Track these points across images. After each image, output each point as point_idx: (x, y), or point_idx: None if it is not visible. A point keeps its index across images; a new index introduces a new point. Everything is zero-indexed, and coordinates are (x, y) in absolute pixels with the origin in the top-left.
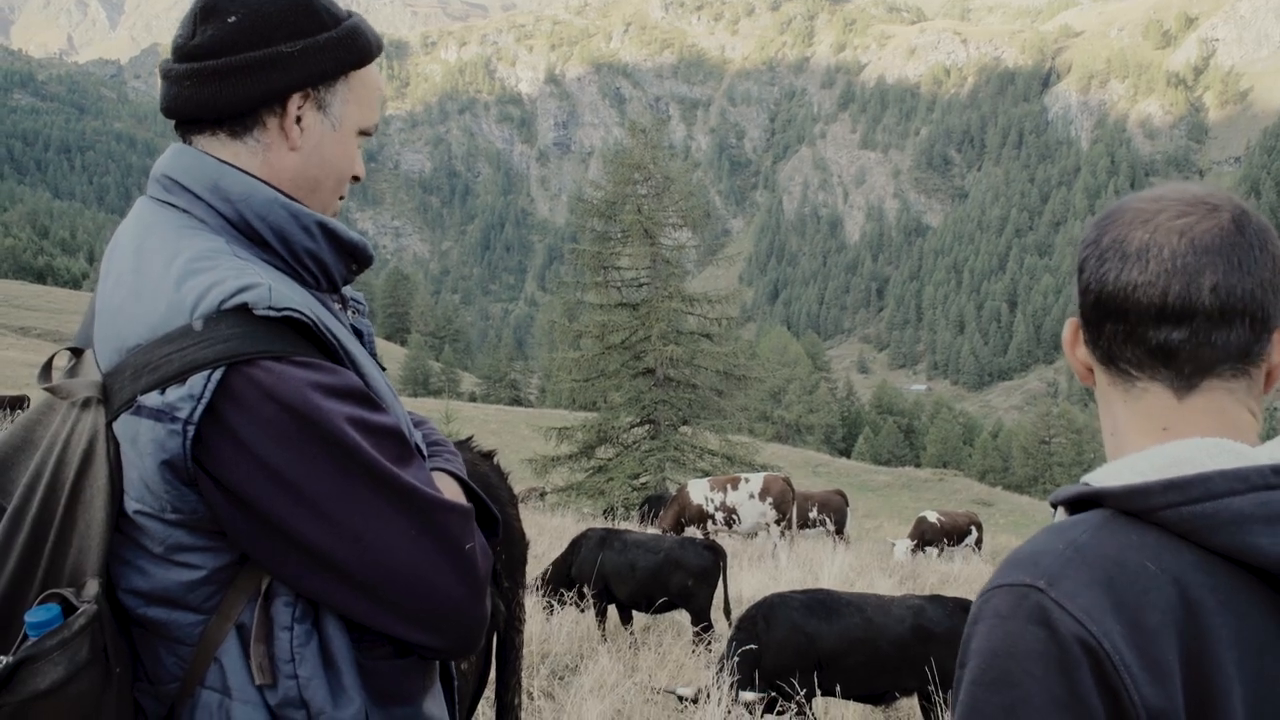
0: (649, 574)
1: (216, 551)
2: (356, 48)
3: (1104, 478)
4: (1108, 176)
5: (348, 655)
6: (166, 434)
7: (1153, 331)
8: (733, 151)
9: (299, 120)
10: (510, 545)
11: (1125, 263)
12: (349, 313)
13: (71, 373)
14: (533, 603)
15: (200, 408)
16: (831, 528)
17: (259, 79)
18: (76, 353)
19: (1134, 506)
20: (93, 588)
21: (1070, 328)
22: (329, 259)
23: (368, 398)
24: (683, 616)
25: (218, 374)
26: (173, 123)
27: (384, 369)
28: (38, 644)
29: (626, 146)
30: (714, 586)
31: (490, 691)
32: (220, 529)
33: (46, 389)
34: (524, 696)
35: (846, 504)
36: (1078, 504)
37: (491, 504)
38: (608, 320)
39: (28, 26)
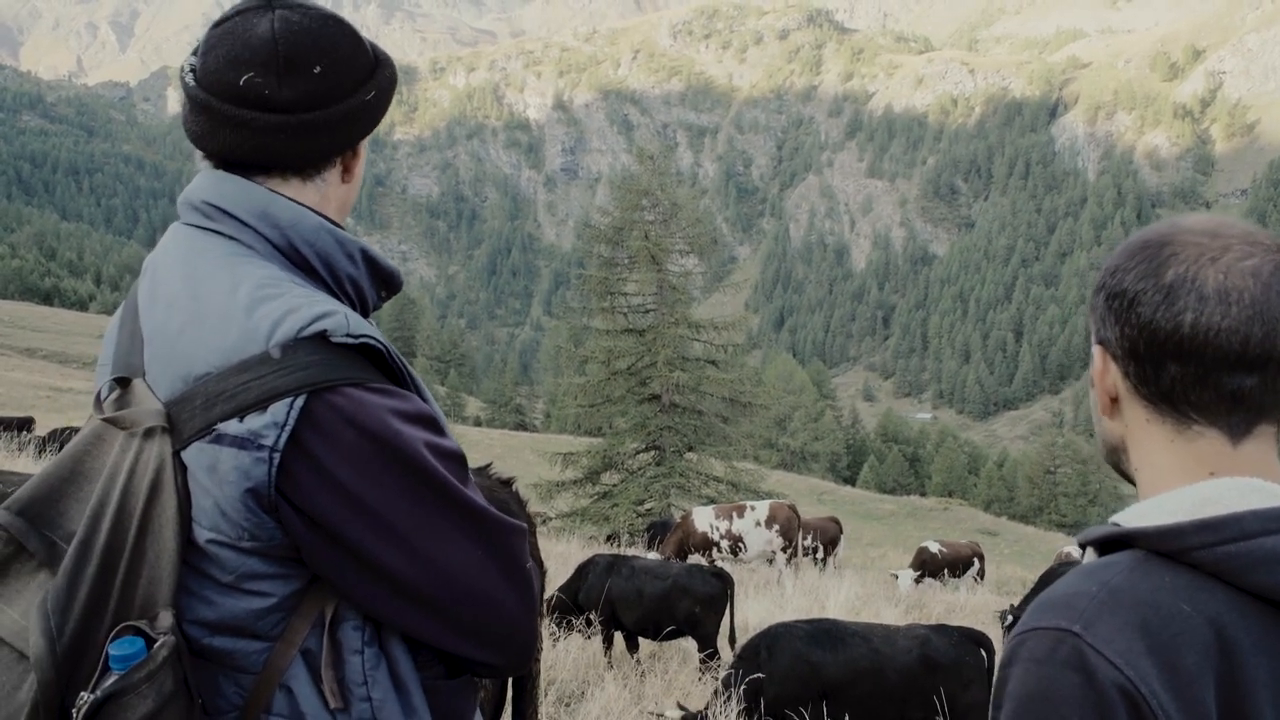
0: (656, 600)
1: (287, 579)
2: (395, 77)
3: (1134, 518)
4: (1114, 208)
5: (414, 676)
6: (252, 462)
7: (1228, 377)
8: (740, 179)
9: None
10: None
11: (1205, 304)
12: None
13: (121, 402)
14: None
15: (285, 435)
16: (827, 555)
17: (351, 129)
18: (122, 382)
19: (1167, 547)
20: (166, 619)
21: (1100, 357)
22: (366, 286)
23: (437, 423)
24: (689, 644)
25: (300, 401)
26: (185, 148)
27: None
28: (125, 677)
29: (634, 173)
30: (721, 614)
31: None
32: (293, 556)
33: (106, 420)
34: None
35: (841, 531)
36: (1108, 544)
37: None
38: (614, 346)
39: (37, 48)
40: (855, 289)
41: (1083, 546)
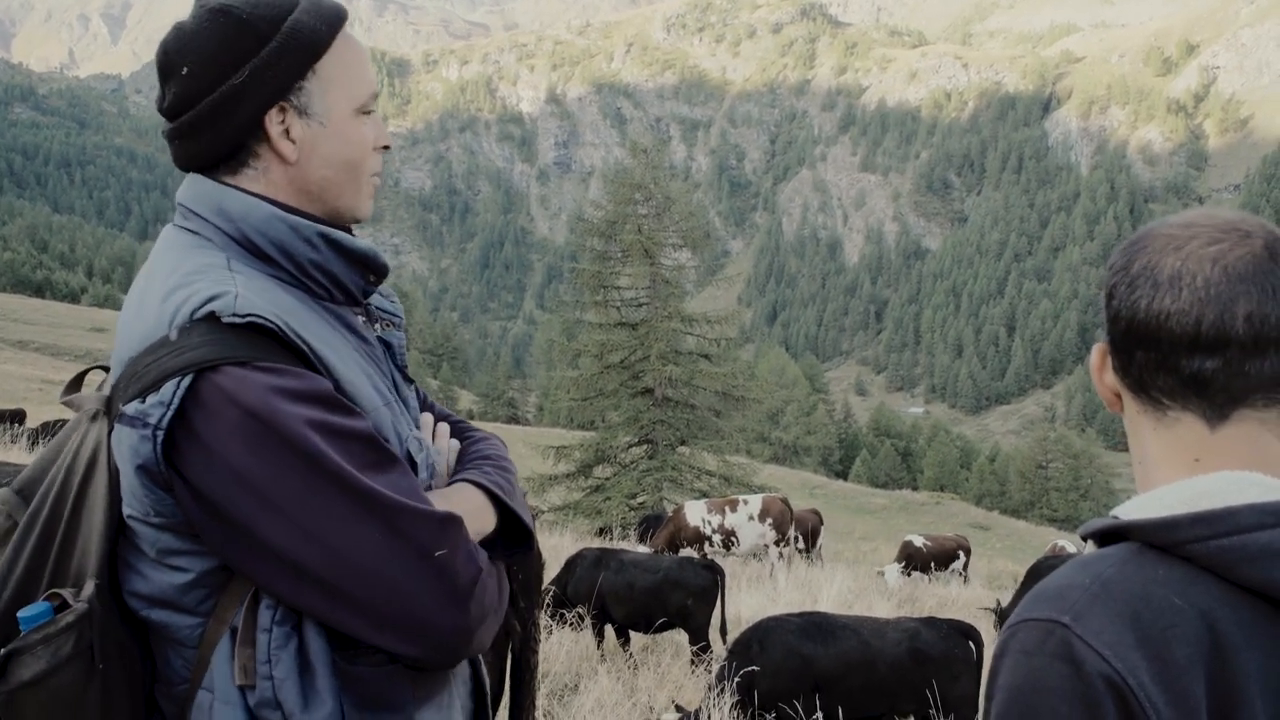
0: (648, 593)
1: (203, 555)
2: (302, 45)
3: (1131, 511)
4: (1107, 203)
5: (324, 659)
6: (139, 439)
7: (1185, 361)
8: (733, 173)
9: (288, 133)
10: (526, 564)
11: (1157, 290)
12: (377, 325)
13: (100, 389)
14: None
15: (169, 414)
16: (808, 546)
17: (225, 119)
18: (105, 370)
19: (1161, 540)
20: (89, 588)
21: (1098, 353)
22: (338, 270)
23: (336, 402)
24: (681, 637)
25: (186, 381)
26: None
27: (411, 381)
28: (24, 638)
29: (627, 166)
30: (713, 606)
31: (504, 714)
32: None
33: (63, 403)
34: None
35: (821, 523)
36: (1106, 537)
37: (527, 521)
38: (606, 339)
39: (29, 40)
40: (848, 283)
41: (1084, 539)
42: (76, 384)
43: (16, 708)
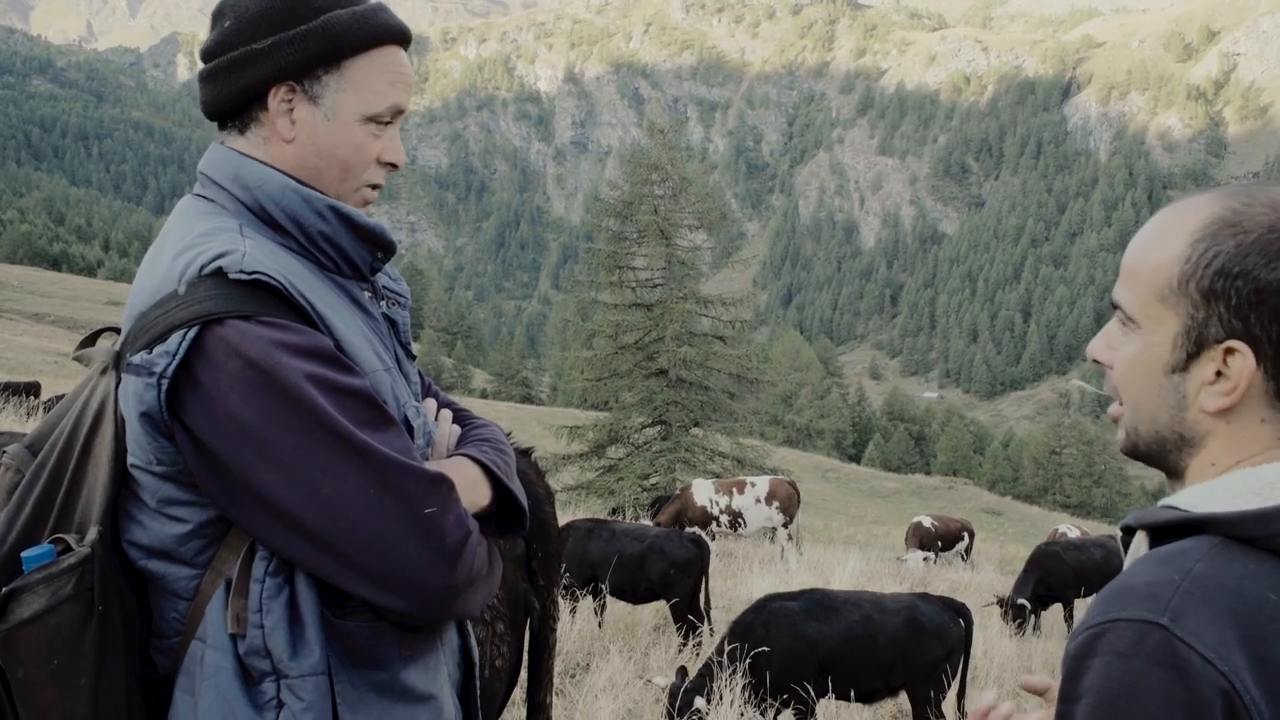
0: (634, 560)
1: (202, 506)
2: (328, 38)
3: (1200, 502)
4: (1125, 189)
5: (314, 610)
6: (144, 387)
7: None
8: (750, 154)
9: (291, 112)
10: (545, 543)
11: None
12: (382, 303)
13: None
14: None
15: (174, 363)
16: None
17: (236, 77)
18: (118, 331)
19: (1248, 533)
20: (92, 534)
21: (1248, 354)
22: (346, 244)
23: (335, 359)
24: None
25: (192, 332)
26: (195, 115)
27: (413, 357)
28: (26, 577)
29: (644, 147)
30: (696, 579)
31: (520, 691)
32: None
33: (75, 358)
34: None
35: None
36: (1163, 530)
37: (521, 500)
38: (621, 320)
39: (48, 12)
40: (864, 267)
41: (1128, 531)
42: (90, 342)
43: (15, 646)
